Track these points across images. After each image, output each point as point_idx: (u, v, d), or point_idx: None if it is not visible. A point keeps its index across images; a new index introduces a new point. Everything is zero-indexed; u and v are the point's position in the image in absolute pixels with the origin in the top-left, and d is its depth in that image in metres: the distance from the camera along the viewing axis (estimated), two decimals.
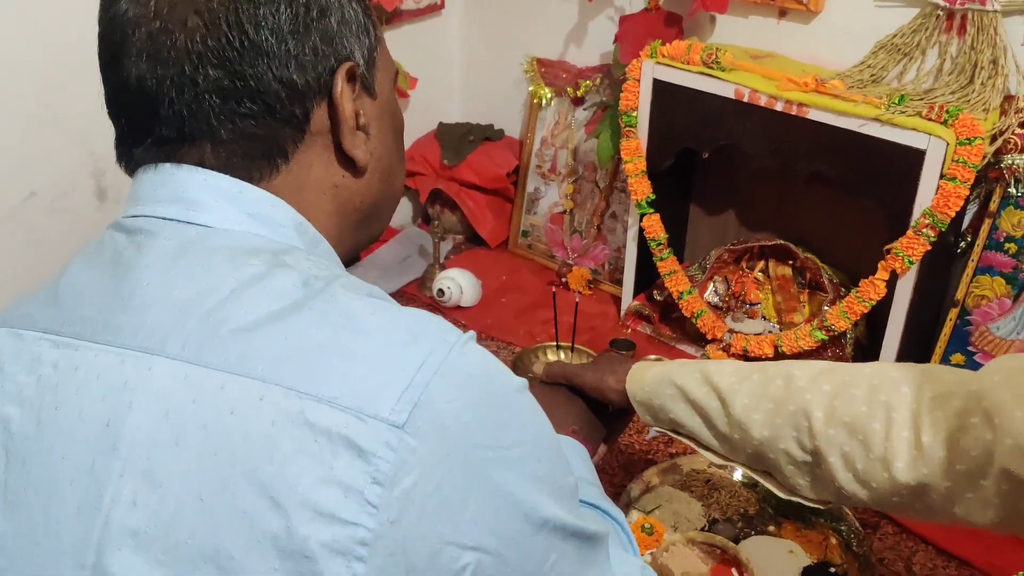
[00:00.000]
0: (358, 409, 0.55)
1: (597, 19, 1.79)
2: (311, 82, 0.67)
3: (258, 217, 0.66)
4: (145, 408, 0.58)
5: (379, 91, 0.73)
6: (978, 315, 1.37)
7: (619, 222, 1.83)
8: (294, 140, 0.68)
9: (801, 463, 0.91)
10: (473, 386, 0.59)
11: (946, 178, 1.23)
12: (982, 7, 1.29)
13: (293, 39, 0.65)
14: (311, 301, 0.60)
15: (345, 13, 0.69)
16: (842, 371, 0.90)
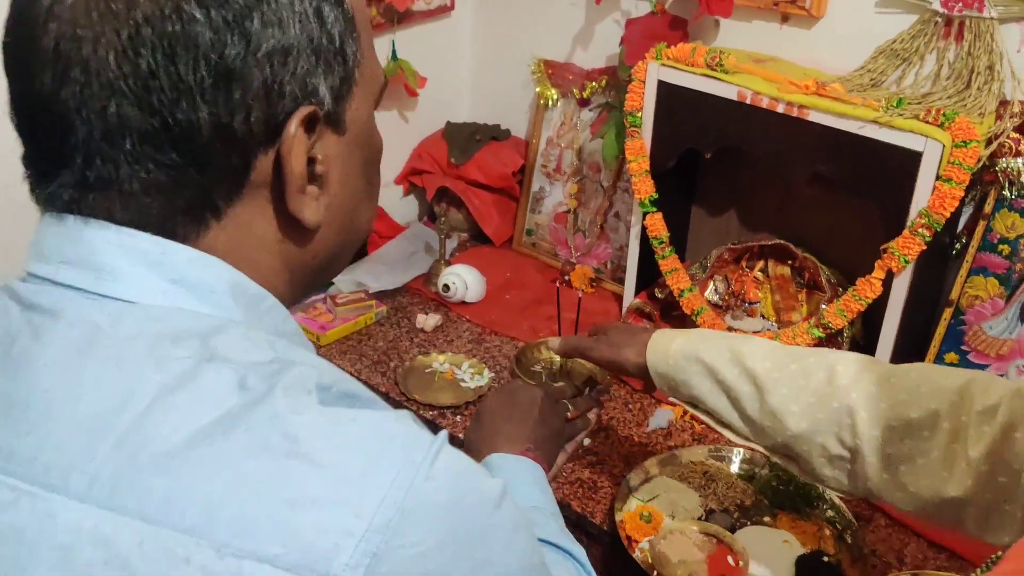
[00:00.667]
0: (306, 567, 0.47)
1: (603, 22, 1.83)
2: (255, 129, 0.55)
3: (184, 284, 0.55)
4: (45, 570, 0.48)
5: (351, 123, 0.61)
6: (972, 315, 1.40)
7: (622, 221, 1.86)
8: (229, 194, 0.56)
9: (836, 457, 0.91)
10: (444, 520, 0.51)
11: (942, 179, 1.26)
12: (979, 14, 1.32)
13: (239, 78, 0.53)
14: (248, 415, 0.50)
15: (318, 46, 0.56)
16: (888, 372, 0.89)
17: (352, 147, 0.62)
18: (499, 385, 1.07)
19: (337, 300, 1.71)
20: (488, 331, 1.73)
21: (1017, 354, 1.36)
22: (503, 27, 2.01)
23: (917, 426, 0.84)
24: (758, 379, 0.93)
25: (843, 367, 0.91)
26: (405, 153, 2.06)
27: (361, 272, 1.85)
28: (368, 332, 1.70)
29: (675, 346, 1.00)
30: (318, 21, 0.56)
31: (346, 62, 0.59)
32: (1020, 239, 1.34)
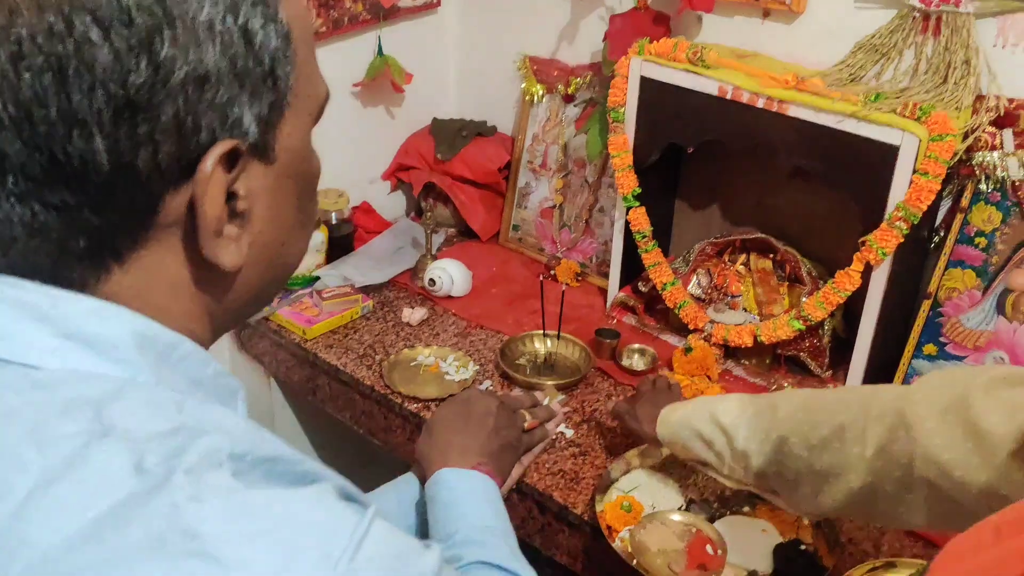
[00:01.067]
0: None
1: (588, 18, 1.84)
2: (163, 166, 0.48)
3: (79, 339, 0.48)
4: None
5: (282, 150, 0.54)
6: (949, 307, 1.41)
7: (607, 216, 1.87)
8: (134, 238, 0.50)
9: (791, 483, 1.01)
10: None
11: (918, 173, 1.28)
12: (956, 9, 1.34)
13: (145, 108, 0.46)
14: (143, 508, 0.43)
15: (243, 71, 0.49)
16: (812, 396, 1.03)
17: (283, 177, 0.55)
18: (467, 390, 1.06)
19: (323, 294, 1.73)
20: (473, 325, 1.74)
21: (994, 345, 1.38)
22: (489, 23, 2.02)
23: (829, 440, 0.94)
24: (726, 429, 1.07)
25: (783, 401, 1.04)
26: (392, 149, 2.07)
27: (347, 267, 1.86)
28: (354, 326, 1.71)
29: (675, 417, 1.15)
30: (244, 41, 0.49)
31: (277, 85, 0.52)
32: (996, 232, 1.36)
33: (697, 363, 1.57)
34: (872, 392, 0.95)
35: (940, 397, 0.85)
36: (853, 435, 0.92)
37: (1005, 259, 1.36)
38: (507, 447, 1.02)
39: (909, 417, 0.86)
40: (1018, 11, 1.31)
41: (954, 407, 0.82)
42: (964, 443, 0.80)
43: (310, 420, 1.96)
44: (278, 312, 1.70)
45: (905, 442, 0.86)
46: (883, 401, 0.91)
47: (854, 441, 0.91)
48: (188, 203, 0.50)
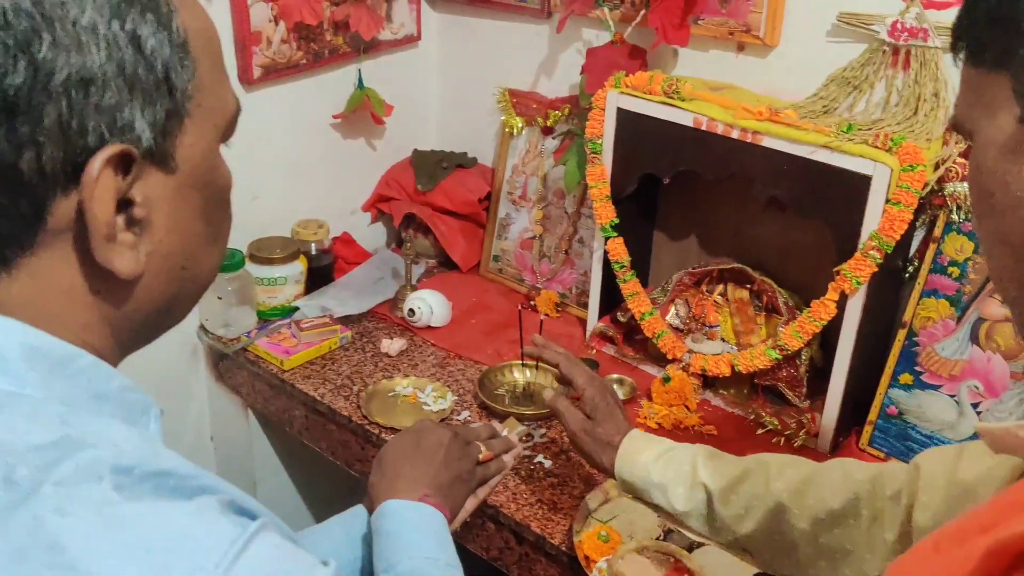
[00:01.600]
0: None
1: (566, 52, 1.86)
2: (48, 170, 0.47)
3: None
4: None
5: (183, 160, 0.53)
6: (924, 336, 1.42)
7: (586, 247, 1.88)
8: (20, 243, 0.49)
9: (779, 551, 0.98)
10: None
11: (891, 203, 1.29)
12: (924, 43, 1.36)
13: (25, 111, 0.46)
14: (7, 521, 0.42)
15: (132, 74, 0.49)
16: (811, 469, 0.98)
17: (185, 188, 0.54)
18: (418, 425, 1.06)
19: (302, 325, 1.72)
20: (453, 355, 1.73)
21: (969, 374, 1.38)
22: (469, 57, 2.04)
23: (841, 514, 0.91)
24: (710, 491, 1.00)
25: (775, 467, 0.99)
26: (373, 181, 2.08)
27: (326, 297, 1.85)
28: (332, 357, 1.71)
29: (642, 459, 1.06)
30: (134, 47, 0.49)
31: (173, 93, 0.51)
32: (968, 261, 1.37)
33: (675, 393, 1.57)
34: (878, 470, 0.92)
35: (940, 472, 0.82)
36: (870, 514, 0.89)
37: (978, 288, 1.37)
38: (458, 479, 1.00)
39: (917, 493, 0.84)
40: None
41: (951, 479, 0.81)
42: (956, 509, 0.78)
43: (288, 451, 1.94)
44: (256, 343, 1.69)
45: None
46: (896, 480, 0.88)
47: (872, 521, 0.89)
48: (78, 208, 0.49)
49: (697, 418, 1.55)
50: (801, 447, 1.48)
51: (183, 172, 0.53)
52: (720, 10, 1.56)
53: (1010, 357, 1.35)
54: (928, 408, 1.43)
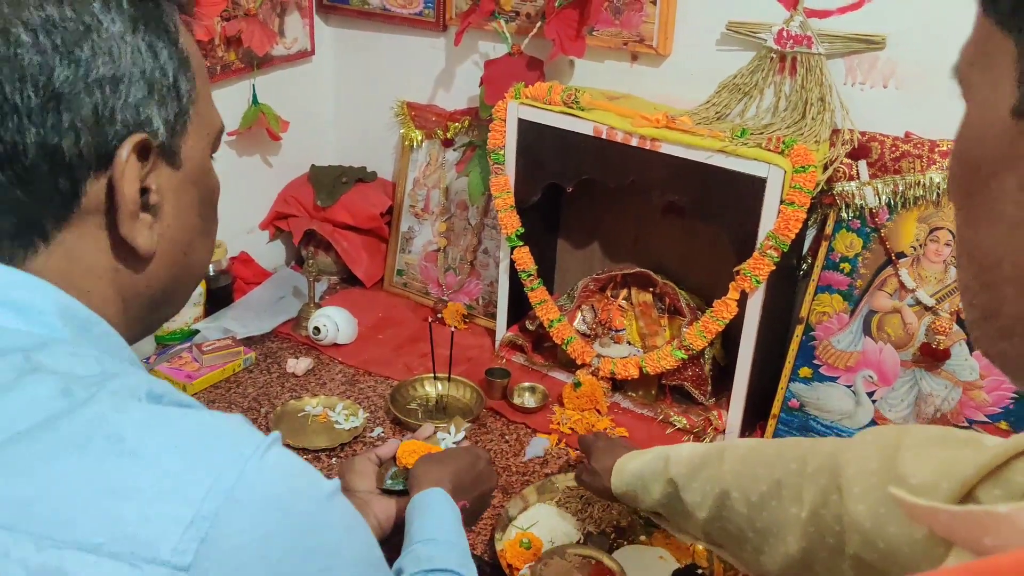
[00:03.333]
0: (132, 554, 0.46)
1: (463, 64, 1.87)
2: (84, 153, 0.55)
3: (9, 305, 0.55)
4: None
5: (186, 159, 0.62)
6: (821, 331, 1.48)
7: (491, 257, 1.89)
8: (57, 218, 0.56)
9: (736, 539, 0.96)
10: (273, 510, 0.51)
11: (785, 203, 1.35)
12: (808, 50, 1.42)
13: (68, 101, 0.54)
14: (70, 417, 0.49)
15: (149, 77, 0.58)
16: (757, 451, 0.96)
17: (187, 183, 0.63)
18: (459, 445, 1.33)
19: (203, 348, 1.67)
20: (362, 372, 1.71)
21: (863, 365, 1.45)
22: (365, 71, 2.03)
23: (767, 497, 0.90)
24: (675, 481, 1.03)
25: (729, 452, 0.99)
26: (270, 198, 2.04)
27: (227, 319, 1.81)
28: (237, 379, 1.66)
29: (630, 468, 1.12)
30: (151, 55, 0.58)
31: (180, 98, 0.60)
32: (858, 257, 1.44)
33: (586, 397, 1.59)
34: (811, 446, 0.88)
35: (870, 458, 0.79)
36: (790, 493, 0.86)
37: (868, 282, 1.44)
38: (482, 500, 1.15)
39: (840, 479, 0.80)
40: (863, 51, 1.41)
41: (883, 468, 0.77)
42: (891, 509, 0.75)
43: None
44: (156, 368, 1.63)
45: (836, 506, 0.80)
46: (819, 458, 0.85)
47: (791, 500, 0.86)
48: (107, 189, 0.57)
49: (608, 420, 1.58)
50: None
51: (186, 169, 0.62)
52: (614, 21, 1.60)
53: (900, 346, 1.42)
54: (827, 399, 1.49)
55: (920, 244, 1.38)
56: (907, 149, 1.38)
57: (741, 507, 0.93)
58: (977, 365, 1.36)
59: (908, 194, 1.38)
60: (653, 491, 1.07)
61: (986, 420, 1.35)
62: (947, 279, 1.37)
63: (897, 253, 1.40)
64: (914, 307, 1.40)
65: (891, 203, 1.39)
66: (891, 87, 1.42)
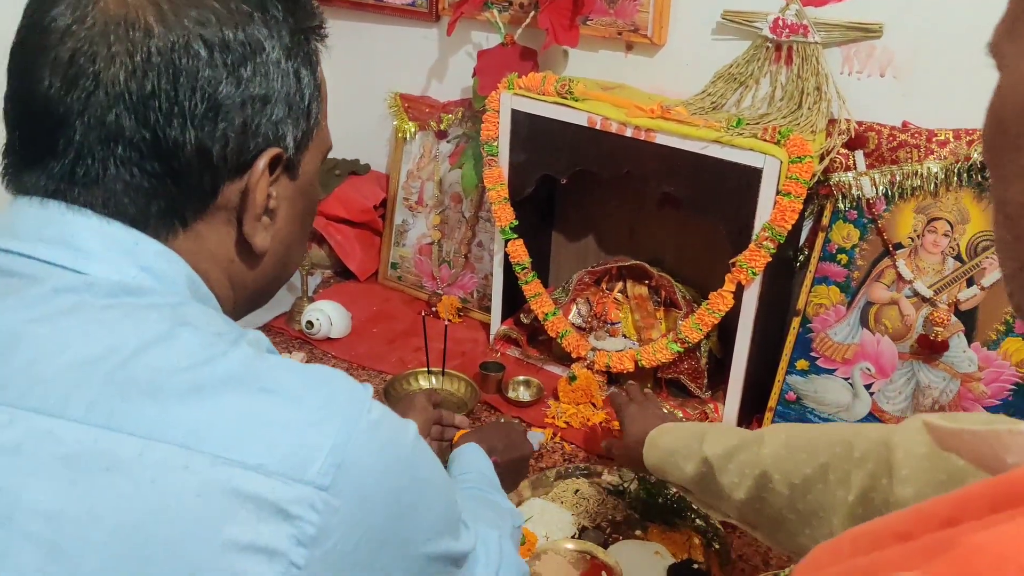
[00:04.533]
0: (287, 474, 0.55)
1: (456, 55, 1.85)
2: (230, 158, 0.64)
3: (152, 272, 0.63)
4: (49, 475, 0.53)
5: (303, 172, 0.71)
6: (818, 322, 1.47)
7: (486, 250, 1.88)
8: (196, 209, 0.65)
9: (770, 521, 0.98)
10: (387, 447, 0.61)
11: (781, 194, 1.33)
12: (805, 39, 1.41)
13: (225, 112, 0.63)
14: (221, 360, 0.58)
15: (291, 99, 0.67)
16: (799, 436, 0.97)
17: (298, 193, 0.72)
18: None
19: None
20: (355, 366, 1.70)
21: (861, 357, 1.44)
22: (358, 62, 2.01)
23: (812, 480, 0.91)
24: (711, 461, 1.04)
25: (769, 435, 1.00)
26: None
27: None
28: None
29: (663, 443, 1.14)
30: (296, 80, 0.67)
31: (310, 119, 0.70)
32: (855, 248, 1.42)
33: (582, 391, 1.58)
34: (856, 431, 0.90)
35: (919, 442, 0.81)
36: (837, 477, 0.88)
37: (865, 274, 1.42)
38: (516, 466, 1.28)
39: (891, 463, 0.82)
40: (860, 40, 1.39)
41: (932, 453, 0.79)
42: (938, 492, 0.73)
43: None
44: None
45: (885, 490, 0.82)
46: (867, 443, 0.87)
47: (838, 483, 0.88)
48: (239, 193, 0.66)
49: (604, 414, 1.56)
50: None
51: (300, 181, 0.71)
52: (608, 11, 1.58)
53: (898, 338, 1.40)
54: (824, 392, 1.47)
55: (918, 235, 1.37)
56: (904, 139, 1.37)
57: (783, 488, 0.94)
58: (975, 357, 1.34)
59: (905, 184, 1.36)
60: (686, 468, 1.08)
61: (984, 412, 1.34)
62: (945, 270, 1.36)
63: (894, 244, 1.39)
64: (912, 298, 1.39)
65: (888, 193, 1.38)
66: (888, 76, 1.40)
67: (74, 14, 0.61)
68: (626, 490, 1.37)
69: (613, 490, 1.37)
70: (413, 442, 0.65)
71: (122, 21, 0.60)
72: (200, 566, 0.53)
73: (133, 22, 0.60)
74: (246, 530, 0.54)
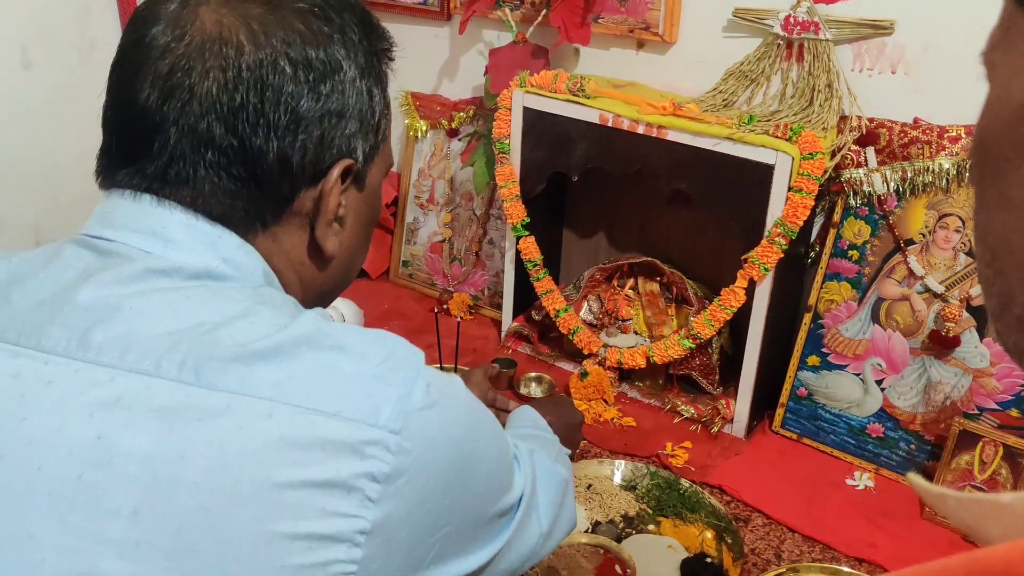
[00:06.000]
0: (361, 420, 0.60)
1: (467, 54, 1.86)
2: (307, 167, 0.70)
3: (232, 263, 0.68)
4: (145, 425, 0.59)
5: (369, 183, 0.77)
6: (829, 319, 1.48)
7: (496, 248, 1.88)
8: (274, 213, 0.71)
9: None
10: (442, 393, 0.65)
11: (793, 190, 1.34)
12: (816, 36, 1.41)
13: (305, 125, 0.68)
14: (296, 324, 0.64)
15: (363, 115, 0.72)
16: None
17: (364, 203, 0.78)
18: None
19: None
20: None
21: (872, 353, 1.44)
22: None
23: None
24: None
25: None
26: None
27: None
28: None
29: None
30: (368, 98, 0.73)
31: (378, 135, 0.76)
32: (867, 244, 1.43)
33: (593, 387, 1.59)
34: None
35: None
36: None
37: (876, 270, 1.43)
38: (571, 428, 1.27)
39: None
40: (872, 36, 1.40)
41: None
42: None
43: None
44: None
45: None
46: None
47: None
48: (313, 200, 0.72)
49: (616, 411, 1.57)
50: (717, 433, 1.52)
51: (367, 192, 0.77)
52: (619, 8, 1.59)
53: (909, 334, 1.41)
54: (836, 388, 1.48)
55: (929, 231, 1.37)
56: (916, 135, 1.37)
57: None
58: (987, 352, 1.35)
59: (917, 180, 1.37)
60: None
61: (996, 408, 1.34)
62: (956, 266, 1.36)
63: (906, 240, 1.39)
64: (923, 294, 1.39)
65: (899, 190, 1.38)
66: (899, 73, 1.41)
67: (174, 32, 0.67)
68: (638, 484, 1.38)
69: (626, 485, 1.38)
70: (465, 394, 0.70)
71: (217, 39, 0.66)
72: (283, 501, 0.58)
73: (227, 40, 0.66)
74: (326, 468, 0.59)
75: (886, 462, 1.44)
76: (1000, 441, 1.30)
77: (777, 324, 1.50)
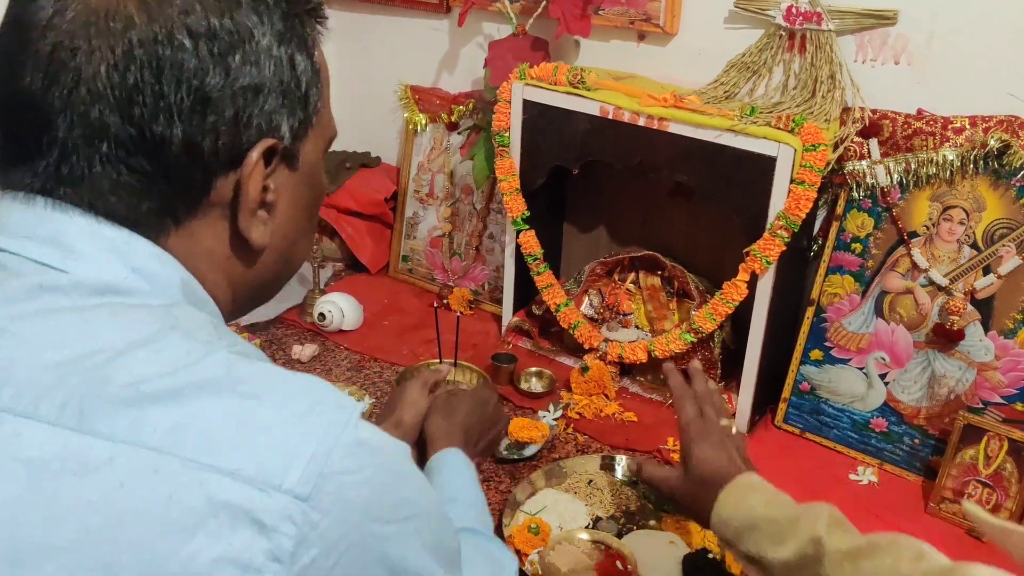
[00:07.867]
0: (262, 481, 0.53)
1: (467, 46, 1.85)
2: (221, 152, 0.61)
3: (143, 273, 0.61)
4: (10, 478, 0.51)
5: (303, 162, 0.68)
6: (832, 312, 1.46)
7: (497, 242, 1.87)
8: (188, 206, 0.62)
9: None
10: (373, 456, 0.58)
11: (795, 182, 1.32)
12: (818, 27, 1.40)
13: (214, 104, 0.59)
14: (203, 362, 0.56)
15: (285, 87, 0.63)
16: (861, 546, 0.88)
17: (300, 184, 0.69)
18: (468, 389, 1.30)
19: None
20: (367, 358, 1.70)
21: (875, 346, 1.43)
22: (367, 55, 2.01)
23: None
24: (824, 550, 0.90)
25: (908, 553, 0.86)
26: None
27: None
28: None
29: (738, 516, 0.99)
30: (290, 67, 0.64)
31: (307, 107, 0.66)
32: (870, 237, 1.41)
33: (594, 382, 1.57)
34: None
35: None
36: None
37: (879, 263, 1.41)
38: (492, 444, 1.25)
39: None
40: (874, 27, 1.38)
41: None
42: None
43: None
44: None
45: None
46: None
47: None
48: (233, 187, 0.63)
49: (617, 406, 1.56)
50: None
51: (301, 171, 0.68)
52: (620, 0, 1.58)
53: (912, 327, 1.39)
54: (839, 382, 1.47)
55: (933, 223, 1.36)
56: (919, 126, 1.36)
57: None
58: (992, 345, 1.33)
59: (920, 172, 1.35)
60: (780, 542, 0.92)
61: (1001, 402, 1.33)
62: (960, 258, 1.34)
63: (909, 232, 1.38)
64: (927, 287, 1.38)
65: (903, 182, 1.37)
66: (902, 64, 1.39)
67: (55, 6, 0.58)
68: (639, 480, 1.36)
69: (627, 480, 1.37)
70: (404, 458, 0.63)
71: (103, 12, 0.57)
72: (169, 574, 0.51)
73: (114, 13, 0.57)
74: (218, 540, 0.52)
75: (890, 457, 1.43)
76: (1005, 435, 1.29)
77: (779, 318, 1.48)
